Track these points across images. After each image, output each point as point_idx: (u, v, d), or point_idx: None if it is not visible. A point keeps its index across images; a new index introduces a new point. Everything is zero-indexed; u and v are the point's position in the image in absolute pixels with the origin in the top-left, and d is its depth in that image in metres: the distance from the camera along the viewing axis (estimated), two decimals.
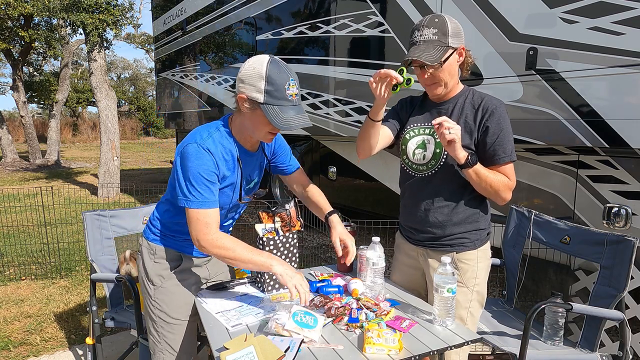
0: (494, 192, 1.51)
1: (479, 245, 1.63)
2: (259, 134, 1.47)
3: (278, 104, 1.37)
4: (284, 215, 1.68)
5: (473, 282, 1.62)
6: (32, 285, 3.71)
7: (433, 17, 1.51)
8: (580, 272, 2.34)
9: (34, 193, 5.26)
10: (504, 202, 1.54)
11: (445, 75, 1.53)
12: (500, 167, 1.53)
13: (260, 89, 1.36)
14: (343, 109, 4.14)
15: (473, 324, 1.65)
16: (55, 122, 13.26)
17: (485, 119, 1.52)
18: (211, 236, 1.43)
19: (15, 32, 11.69)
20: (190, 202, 1.42)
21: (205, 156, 1.41)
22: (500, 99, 1.56)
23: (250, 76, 1.37)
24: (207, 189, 1.42)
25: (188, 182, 1.41)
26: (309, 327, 1.29)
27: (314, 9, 4.58)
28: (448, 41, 1.48)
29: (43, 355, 2.67)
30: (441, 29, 1.48)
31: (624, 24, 2.20)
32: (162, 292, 1.59)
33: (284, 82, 1.36)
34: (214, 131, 1.48)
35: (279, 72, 1.36)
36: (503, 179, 1.52)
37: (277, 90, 1.36)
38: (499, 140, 1.51)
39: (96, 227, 2.37)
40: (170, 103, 8.34)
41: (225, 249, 1.43)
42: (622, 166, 2.45)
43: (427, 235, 1.66)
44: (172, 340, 1.61)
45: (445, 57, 1.49)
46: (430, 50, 1.47)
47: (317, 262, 4.20)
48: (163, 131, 25.39)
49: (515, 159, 1.54)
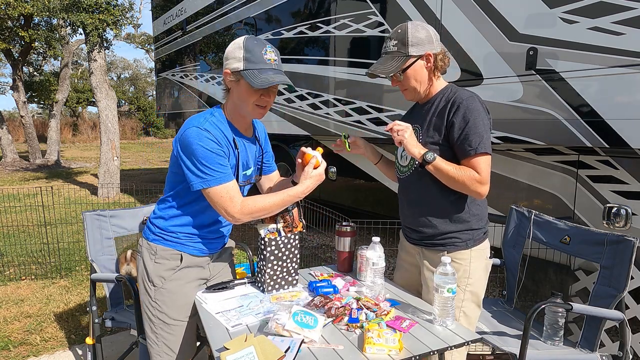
0: (462, 186, 1.53)
1: (472, 245, 1.63)
2: (247, 106, 1.51)
3: (257, 67, 1.44)
4: (286, 217, 1.68)
5: (465, 282, 1.62)
6: (32, 285, 3.71)
7: (397, 28, 1.61)
8: (580, 272, 2.34)
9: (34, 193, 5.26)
10: (480, 196, 1.54)
11: (411, 82, 1.61)
12: (471, 161, 1.52)
13: (240, 57, 1.45)
14: (343, 109, 4.14)
15: (469, 325, 1.64)
16: (55, 122, 13.26)
17: (451, 114, 1.54)
18: (239, 207, 1.49)
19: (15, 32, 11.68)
20: (207, 182, 1.45)
21: (208, 135, 1.45)
22: (474, 92, 1.57)
23: (230, 51, 1.48)
24: (219, 165, 1.46)
25: (199, 164, 1.45)
26: (309, 327, 1.29)
27: (314, 9, 4.58)
28: (408, 51, 1.57)
29: (43, 355, 2.67)
30: (401, 39, 1.58)
31: (624, 24, 2.20)
32: (162, 293, 1.59)
33: (261, 48, 1.46)
34: (209, 116, 1.52)
35: (256, 42, 1.47)
36: (469, 173, 1.51)
37: (254, 56, 1.44)
38: (464, 134, 1.51)
39: (96, 227, 2.37)
40: (170, 103, 8.34)
41: (257, 210, 1.51)
42: (622, 166, 2.45)
43: (420, 234, 1.68)
44: (171, 341, 1.61)
45: (405, 66, 1.58)
46: (388, 62, 1.60)
47: (317, 262, 4.20)
48: (163, 131, 25.38)
49: (485, 151, 1.51)
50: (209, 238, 1.66)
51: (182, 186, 1.56)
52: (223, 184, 1.46)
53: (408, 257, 1.80)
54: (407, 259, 1.81)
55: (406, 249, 1.81)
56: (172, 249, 1.60)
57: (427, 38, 1.57)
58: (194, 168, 1.45)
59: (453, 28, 3.02)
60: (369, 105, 3.83)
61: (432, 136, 1.58)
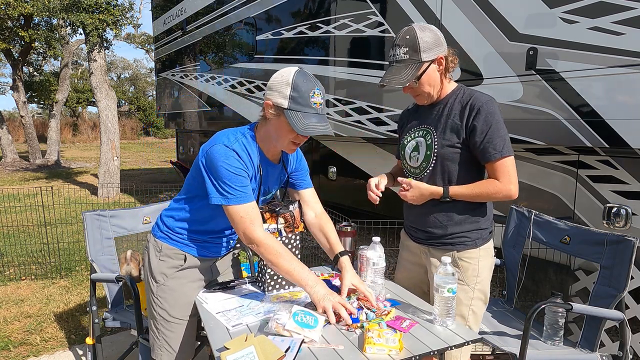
0: (488, 199, 1.57)
1: (480, 244, 1.64)
2: (282, 142, 1.48)
3: (301, 110, 1.40)
4: (287, 216, 1.68)
5: (474, 280, 1.62)
6: (32, 285, 3.71)
7: (404, 35, 1.54)
8: (580, 272, 2.34)
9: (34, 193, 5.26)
10: (510, 198, 1.56)
11: (425, 88, 1.57)
12: (496, 164, 1.52)
13: (286, 95, 1.40)
14: (343, 109, 4.14)
15: (476, 323, 1.66)
16: (55, 122, 13.26)
17: (472, 118, 1.53)
18: (259, 234, 1.46)
19: (15, 32, 11.68)
20: (228, 199, 1.44)
21: (234, 156, 1.44)
22: (491, 96, 1.57)
23: (277, 83, 1.42)
24: (241, 185, 1.45)
25: (221, 182, 1.43)
26: (310, 327, 1.29)
27: (314, 9, 4.58)
28: (421, 57, 1.51)
29: (43, 355, 2.67)
30: (412, 46, 1.51)
31: (624, 24, 2.20)
32: (164, 290, 1.60)
33: (309, 90, 1.40)
34: (240, 136, 1.50)
35: (305, 81, 1.41)
36: (488, 187, 1.53)
37: (301, 97, 1.39)
38: (488, 137, 1.51)
39: (96, 227, 2.37)
40: (170, 103, 8.34)
41: (272, 252, 1.45)
42: (622, 166, 2.45)
43: (428, 234, 1.68)
44: (171, 338, 1.62)
45: (419, 74, 1.53)
46: (402, 71, 1.53)
47: (317, 262, 4.19)
48: (163, 131, 25.38)
49: (510, 154, 1.53)
50: (215, 243, 1.67)
51: (197, 192, 1.55)
52: (243, 205, 1.45)
53: (411, 257, 1.80)
54: (410, 258, 1.80)
55: (409, 248, 1.80)
56: (176, 249, 1.61)
57: (436, 41, 1.54)
58: (216, 184, 1.45)
59: (453, 28, 3.01)
60: (369, 105, 3.83)
61: (448, 139, 1.56)
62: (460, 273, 1.61)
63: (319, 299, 1.40)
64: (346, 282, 1.52)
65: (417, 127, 1.69)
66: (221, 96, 6.40)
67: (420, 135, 1.65)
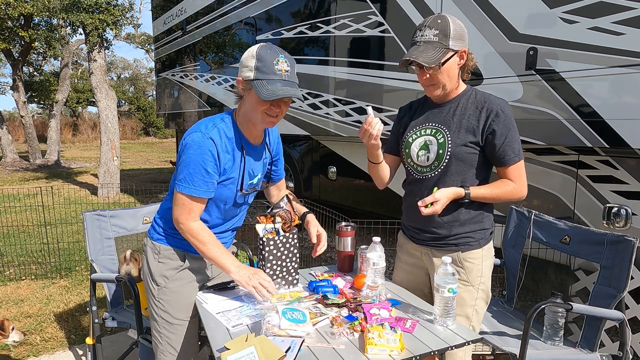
0: (505, 200, 1.57)
1: (483, 244, 1.64)
2: (257, 115, 1.50)
3: (266, 78, 1.42)
4: (282, 214, 1.69)
5: (478, 281, 1.62)
6: (32, 285, 3.71)
7: (436, 18, 1.51)
8: (580, 272, 2.34)
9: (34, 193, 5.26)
10: (521, 199, 1.59)
11: (444, 77, 1.54)
12: (512, 167, 1.54)
13: (252, 67, 1.44)
14: (343, 109, 4.14)
15: (478, 322, 1.66)
16: (55, 122, 13.26)
17: (491, 121, 1.52)
18: (192, 223, 1.52)
19: (15, 32, 11.66)
20: (181, 187, 1.48)
21: (208, 146, 1.45)
22: (504, 98, 1.57)
23: (244, 59, 1.47)
24: (202, 179, 1.47)
25: (186, 168, 1.47)
26: (301, 322, 1.31)
27: (314, 9, 4.58)
28: (449, 43, 1.48)
29: (43, 355, 2.67)
30: (443, 30, 1.48)
31: (624, 24, 2.20)
32: (165, 293, 1.60)
33: (273, 58, 1.43)
34: (218, 122, 1.52)
35: (269, 51, 1.44)
36: (506, 189, 1.55)
37: (265, 66, 1.42)
38: (508, 141, 1.52)
39: (96, 227, 2.37)
40: (170, 103, 8.34)
41: (200, 241, 1.52)
42: (622, 166, 2.45)
43: (431, 235, 1.66)
44: (174, 340, 1.62)
45: (444, 59, 1.49)
46: (429, 51, 1.48)
47: (317, 262, 4.19)
48: (163, 131, 25.36)
49: (522, 157, 1.56)
50: None
51: None
52: (191, 195, 1.48)
53: (410, 259, 1.77)
54: (409, 260, 1.78)
55: (408, 250, 1.77)
56: (175, 249, 1.61)
57: (463, 34, 1.52)
58: (180, 169, 1.49)
59: None
60: (369, 105, 3.83)
61: (463, 138, 1.54)
62: (465, 274, 1.61)
63: (245, 281, 1.49)
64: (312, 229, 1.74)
65: (424, 125, 1.65)
66: (221, 96, 6.40)
67: (430, 133, 1.62)
